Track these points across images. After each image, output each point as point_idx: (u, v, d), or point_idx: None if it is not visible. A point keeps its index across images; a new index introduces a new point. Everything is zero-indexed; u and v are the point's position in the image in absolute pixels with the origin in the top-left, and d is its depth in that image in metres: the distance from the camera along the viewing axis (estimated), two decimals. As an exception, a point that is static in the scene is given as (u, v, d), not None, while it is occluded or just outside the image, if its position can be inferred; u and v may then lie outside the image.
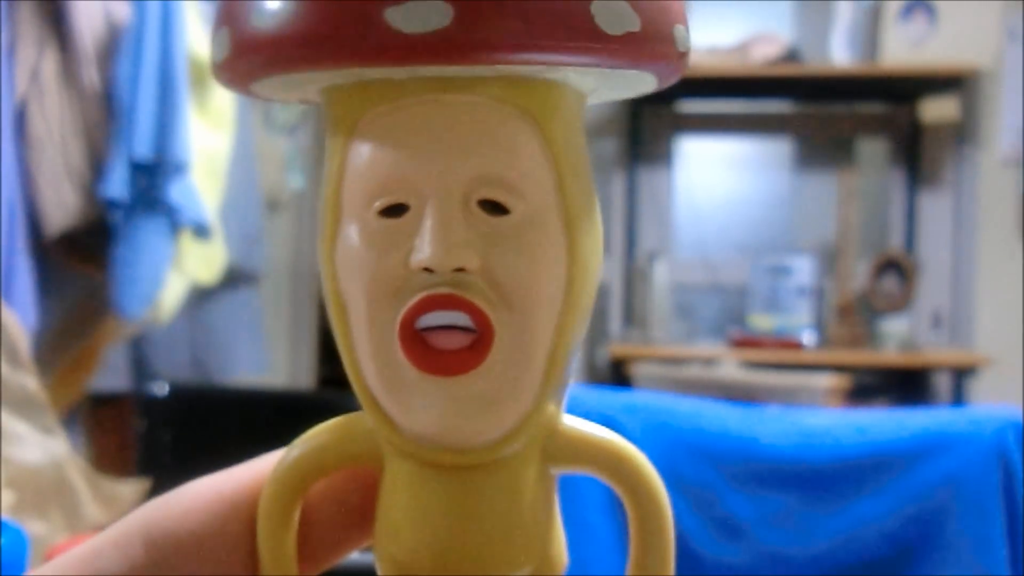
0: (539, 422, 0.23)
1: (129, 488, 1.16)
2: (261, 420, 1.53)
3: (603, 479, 0.25)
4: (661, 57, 0.23)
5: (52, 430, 1.10)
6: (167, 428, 1.50)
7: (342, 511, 0.25)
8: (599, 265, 0.24)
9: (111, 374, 2.02)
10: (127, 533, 0.24)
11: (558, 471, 0.24)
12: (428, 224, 0.21)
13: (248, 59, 0.22)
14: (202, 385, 2.11)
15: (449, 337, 0.22)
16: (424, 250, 0.21)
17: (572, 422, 0.25)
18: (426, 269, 0.21)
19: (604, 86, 0.25)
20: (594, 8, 0.21)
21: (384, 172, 0.22)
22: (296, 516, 0.25)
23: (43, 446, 1.07)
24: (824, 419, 1.08)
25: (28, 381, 1.10)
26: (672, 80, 0.25)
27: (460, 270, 0.21)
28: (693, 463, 1.01)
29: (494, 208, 0.22)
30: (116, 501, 1.12)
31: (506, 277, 0.22)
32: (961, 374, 2.59)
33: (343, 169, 0.23)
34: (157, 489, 1.21)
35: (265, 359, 2.42)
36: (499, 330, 0.22)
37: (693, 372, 2.37)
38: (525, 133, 0.22)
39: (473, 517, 0.23)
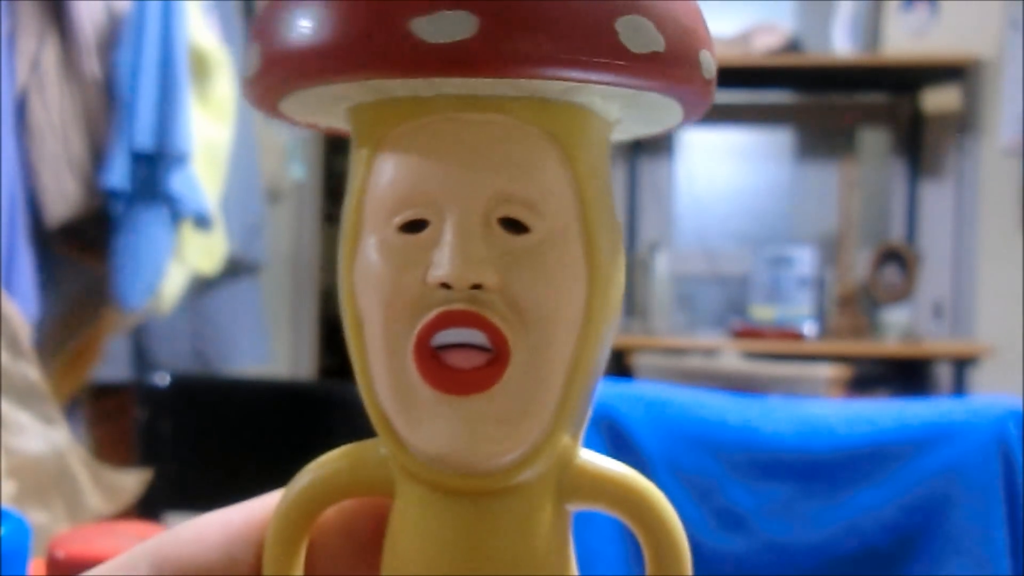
0: (554, 450, 0.23)
1: (130, 478, 1.16)
2: (262, 410, 1.53)
3: (619, 517, 0.24)
4: (686, 81, 0.23)
5: (54, 420, 1.10)
6: (168, 418, 1.50)
7: (350, 542, 0.25)
8: (620, 294, 0.23)
9: (112, 364, 2.02)
10: (134, 560, 0.24)
11: (573, 507, 0.24)
12: (447, 239, 0.21)
13: (277, 72, 0.22)
14: (203, 375, 2.12)
15: (465, 356, 0.21)
16: (442, 265, 0.21)
17: (589, 457, 0.24)
18: (444, 285, 0.21)
19: (630, 116, 0.25)
20: (619, 25, 0.21)
21: (405, 187, 0.22)
22: (304, 546, 0.24)
23: (45, 436, 1.08)
24: (825, 409, 1.08)
25: (29, 371, 1.10)
26: (698, 111, 0.25)
27: (478, 287, 0.21)
28: (694, 453, 1.01)
29: (514, 226, 0.22)
30: (117, 491, 1.12)
31: (524, 296, 0.21)
32: (962, 364, 2.60)
33: (365, 185, 0.22)
34: (158, 479, 1.22)
35: (266, 349, 2.42)
36: (515, 350, 0.21)
37: (694, 363, 2.37)
38: (548, 153, 0.22)
39: (484, 549, 0.23)
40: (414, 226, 0.22)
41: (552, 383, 0.22)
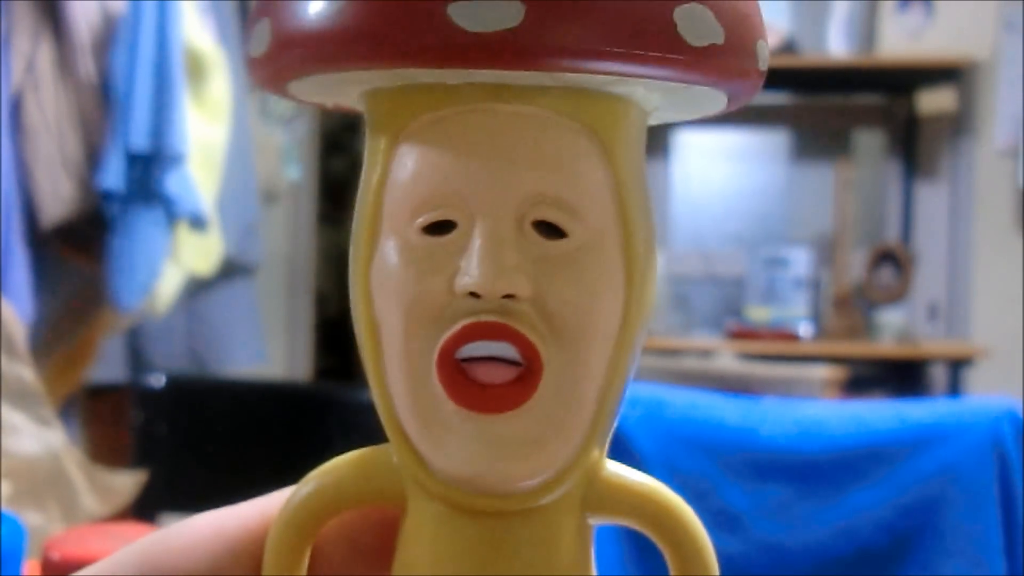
0: (583, 469, 0.21)
1: (126, 479, 1.16)
2: (258, 412, 1.53)
3: (644, 531, 0.23)
4: (742, 74, 0.21)
5: (49, 421, 1.10)
6: (164, 419, 1.50)
7: (354, 553, 0.23)
8: (654, 298, 0.22)
9: (108, 365, 2.02)
10: (122, 562, 0.23)
11: (597, 521, 0.22)
12: (477, 244, 0.19)
13: (290, 54, 0.20)
14: (199, 377, 2.11)
15: (493, 370, 0.20)
16: (472, 273, 0.19)
17: (614, 469, 0.22)
18: (472, 294, 0.20)
19: (670, 105, 0.23)
20: (677, 15, 0.19)
21: (431, 185, 0.20)
22: (307, 555, 0.23)
23: (40, 437, 1.07)
24: (821, 410, 1.08)
25: (24, 372, 1.10)
26: (743, 101, 0.23)
27: (509, 297, 0.19)
28: (689, 454, 1.01)
29: (550, 231, 0.20)
30: (113, 492, 1.12)
31: (559, 307, 0.20)
32: (957, 365, 2.60)
33: (384, 180, 0.21)
34: (153, 480, 1.21)
35: (262, 351, 2.41)
36: (548, 364, 0.20)
37: (690, 364, 2.37)
38: (587, 151, 0.20)
39: (504, 568, 0.21)
40: (439, 227, 0.20)
41: (586, 399, 0.20)
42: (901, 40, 2.63)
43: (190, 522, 0.23)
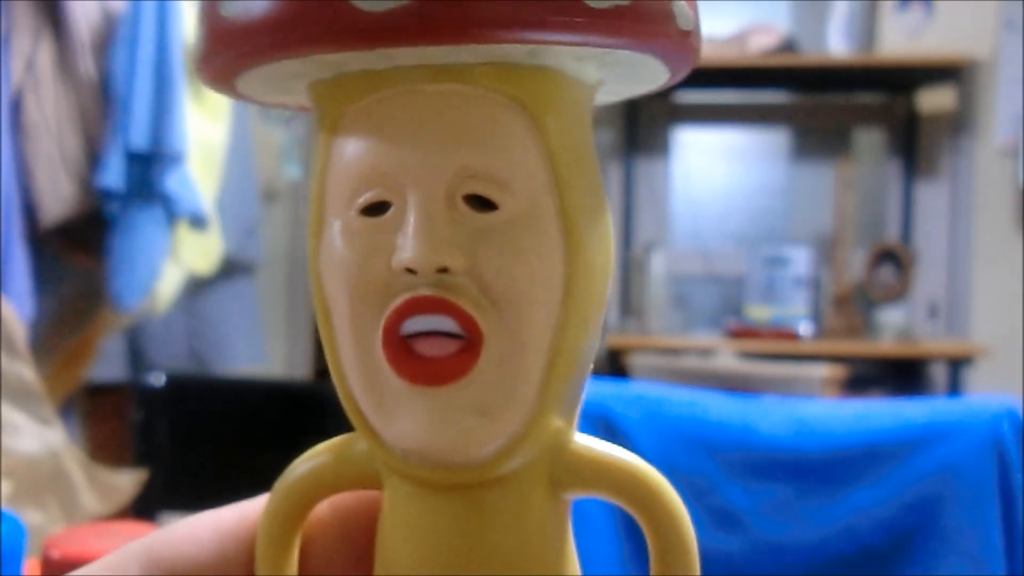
0: (540, 437, 0.21)
1: (125, 478, 1.16)
2: (258, 411, 1.53)
3: (619, 503, 0.23)
4: (659, 35, 0.21)
5: (49, 420, 1.10)
6: (163, 418, 1.50)
7: (345, 542, 0.24)
8: (607, 268, 0.22)
9: (108, 364, 2.02)
10: (125, 559, 0.23)
11: (570, 496, 0.22)
12: (410, 221, 0.20)
13: (222, 51, 0.21)
14: (199, 375, 2.11)
15: (435, 344, 0.20)
16: (406, 249, 0.20)
17: (584, 441, 0.22)
18: (409, 270, 0.20)
19: (611, 78, 0.23)
20: None
21: (364, 168, 0.21)
22: (296, 543, 0.23)
23: (40, 436, 1.07)
24: (820, 409, 1.08)
25: (25, 371, 1.10)
26: (683, 66, 0.23)
27: (444, 270, 0.20)
28: (689, 453, 1.01)
29: (481, 204, 0.20)
30: (113, 491, 1.12)
31: (495, 278, 0.20)
32: (957, 364, 2.60)
33: (326, 166, 0.21)
34: (153, 479, 1.21)
35: (262, 350, 2.41)
36: (488, 335, 0.20)
37: (690, 362, 2.37)
38: (515, 123, 0.21)
39: (476, 543, 0.21)
40: (377, 208, 0.21)
41: (530, 369, 0.21)
42: (901, 39, 2.63)
43: (190, 519, 0.24)
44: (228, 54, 0.21)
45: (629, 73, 0.23)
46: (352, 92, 0.21)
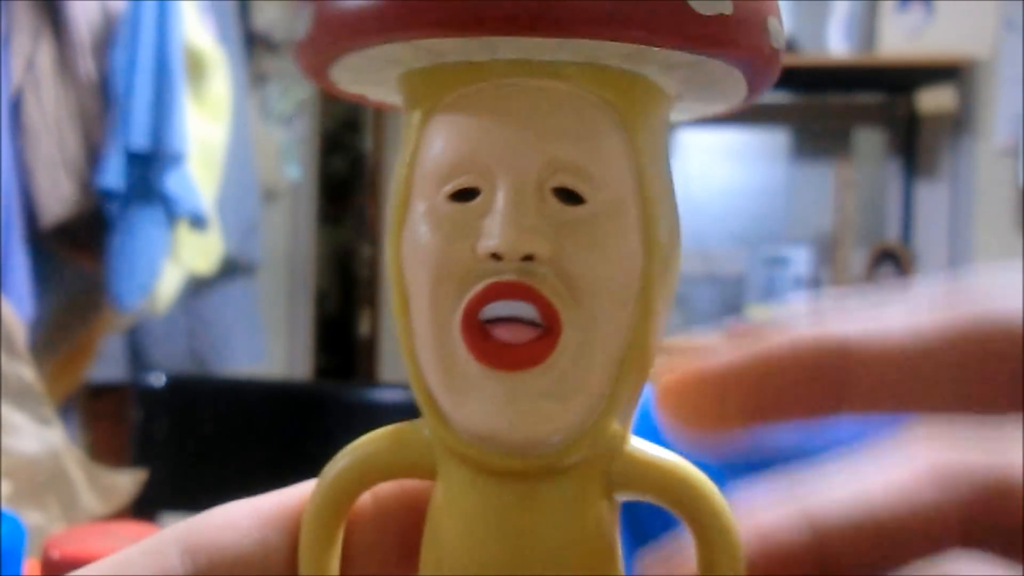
0: (604, 433, 0.22)
1: (126, 478, 1.16)
2: (258, 411, 1.53)
3: (669, 508, 0.23)
4: (752, 49, 0.21)
5: (49, 420, 1.10)
6: (164, 418, 1.50)
7: (384, 534, 0.24)
8: (676, 278, 0.23)
9: (108, 364, 2.02)
10: (161, 543, 0.23)
11: (622, 498, 0.23)
12: (498, 208, 0.20)
13: (329, 32, 0.21)
14: (199, 376, 2.12)
15: (514, 330, 0.20)
16: (493, 235, 0.20)
17: (639, 445, 0.23)
18: (494, 256, 0.20)
19: (691, 91, 0.23)
20: None
21: (456, 155, 0.21)
22: (341, 530, 0.23)
23: (40, 436, 1.07)
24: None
25: (25, 371, 1.10)
26: (763, 85, 0.23)
27: (529, 258, 0.20)
28: (688, 454, 1.02)
29: (569, 197, 0.21)
30: (113, 491, 1.12)
31: (577, 269, 0.20)
32: (957, 364, 2.59)
33: (416, 152, 0.22)
34: (153, 479, 1.21)
35: (262, 350, 2.42)
36: (567, 325, 0.20)
37: (690, 362, 2.37)
38: (605, 122, 0.21)
39: (530, 532, 0.22)
40: (465, 195, 0.21)
41: (604, 361, 0.21)
42: (901, 39, 2.63)
43: (226, 507, 0.23)
44: (335, 35, 0.21)
45: (709, 89, 0.23)
46: (449, 82, 0.21)
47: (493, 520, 0.22)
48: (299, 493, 0.24)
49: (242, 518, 0.23)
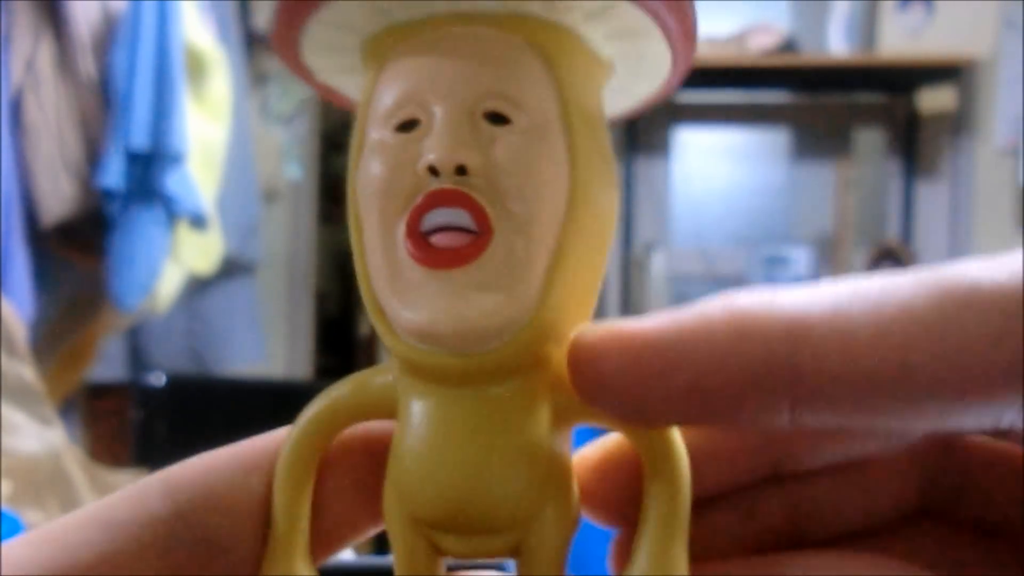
0: (544, 332, 0.23)
1: (126, 478, 1.16)
2: (258, 410, 1.53)
3: (619, 431, 0.25)
4: None
5: (49, 420, 1.10)
6: (164, 418, 1.50)
7: (353, 473, 0.25)
8: (609, 224, 0.25)
9: (108, 364, 2.02)
10: (143, 488, 0.24)
11: (574, 423, 0.24)
12: (435, 130, 0.23)
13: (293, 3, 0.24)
14: (199, 375, 2.12)
15: (451, 236, 0.23)
16: (430, 149, 0.23)
17: None
18: (432, 170, 0.23)
19: (617, 59, 0.26)
20: None
21: (399, 92, 0.24)
22: (312, 473, 0.25)
23: (40, 436, 1.07)
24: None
25: (25, 371, 1.10)
26: (682, 48, 0.25)
27: (463, 170, 0.23)
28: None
29: (497, 119, 0.23)
30: (113, 491, 1.12)
31: (506, 181, 0.23)
32: (957, 364, 2.59)
33: (369, 101, 0.24)
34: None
35: (262, 349, 2.42)
36: (498, 228, 0.23)
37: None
38: (531, 61, 0.24)
39: (484, 439, 0.23)
40: (408, 126, 0.24)
41: (534, 263, 0.23)
42: (901, 39, 2.63)
43: (203, 455, 0.25)
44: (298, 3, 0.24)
45: (632, 55, 0.26)
46: (396, 38, 0.25)
47: (448, 428, 0.23)
48: (277, 438, 0.25)
49: (223, 462, 0.24)
